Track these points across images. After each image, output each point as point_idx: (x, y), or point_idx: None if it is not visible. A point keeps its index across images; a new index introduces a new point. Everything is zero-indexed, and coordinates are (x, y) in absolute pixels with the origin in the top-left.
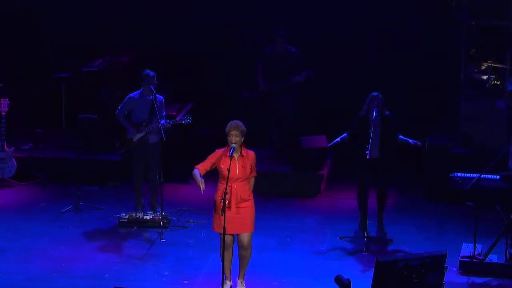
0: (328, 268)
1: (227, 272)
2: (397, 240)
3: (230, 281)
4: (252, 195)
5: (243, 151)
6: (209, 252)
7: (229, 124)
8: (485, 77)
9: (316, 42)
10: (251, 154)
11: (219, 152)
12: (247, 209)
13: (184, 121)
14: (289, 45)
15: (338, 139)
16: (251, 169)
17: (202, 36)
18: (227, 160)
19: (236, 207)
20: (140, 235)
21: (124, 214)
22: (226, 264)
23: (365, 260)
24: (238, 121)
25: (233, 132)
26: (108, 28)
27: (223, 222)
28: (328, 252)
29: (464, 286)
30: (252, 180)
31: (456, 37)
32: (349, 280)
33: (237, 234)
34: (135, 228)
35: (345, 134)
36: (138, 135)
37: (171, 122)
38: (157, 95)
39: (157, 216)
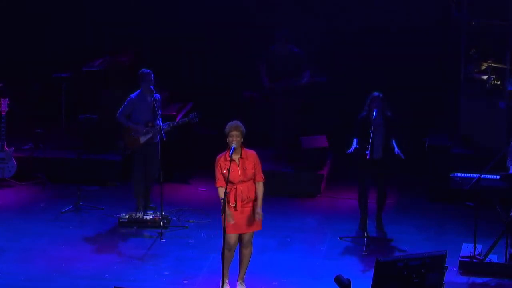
0: (328, 268)
1: (225, 271)
2: (397, 240)
3: (227, 278)
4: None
5: (243, 153)
6: (209, 252)
7: (229, 124)
8: (485, 77)
9: (316, 42)
10: (251, 154)
11: (220, 158)
12: (250, 209)
13: (193, 120)
14: (292, 45)
15: (355, 145)
16: (255, 170)
17: (203, 36)
18: (234, 164)
19: (242, 207)
20: (140, 235)
21: (124, 214)
22: (226, 265)
23: (365, 260)
24: (238, 121)
25: (234, 133)
26: (108, 28)
27: (233, 224)
28: (328, 252)
29: (464, 286)
30: (261, 186)
31: (456, 37)
32: (349, 280)
33: (240, 234)
34: (135, 228)
35: (355, 138)
36: (146, 136)
37: (180, 122)
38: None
39: (157, 216)
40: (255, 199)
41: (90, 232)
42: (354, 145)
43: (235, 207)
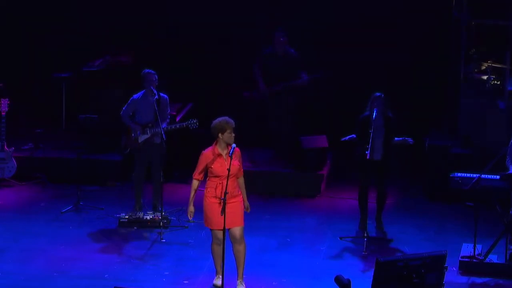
0: (328, 268)
1: (218, 267)
2: (397, 240)
3: (221, 273)
4: (240, 191)
5: (230, 148)
6: (209, 252)
7: (224, 121)
8: (485, 77)
9: (315, 41)
10: (237, 150)
11: (207, 153)
12: (237, 204)
13: (191, 126)
14: (288, 46)
15: (351, 136)
16: (239, 166)
17: (202, 35)
18: (222, 159)
19: (227, 203)
20: (140, 235)
21: (124, 214)
22: (217, 259)
23: (365, 260)
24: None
25: (231, 130)
26: (108, 28)
27: (220, 220)
28: (328, 252)
29: (464, 286)
30: (242, 180)
31: (456, 37)
32: (349, 280)
33: (229, 230)
34: (135, 228)
35: (353, 135)
36: (144, 137)
37: (178, 126)
38: (161, 94)
39: (157, 216)
40: (238, 195)
41: (90, 232)
42: (350, 136)
43: (221, 201)
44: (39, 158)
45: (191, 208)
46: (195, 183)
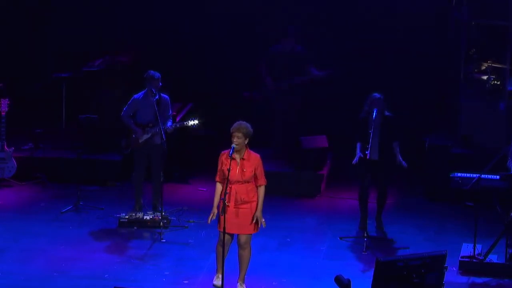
0: (328, 268)
1: (218, 265)
2: (397, 240)
3: (221, 273)
4: (256, 197)
5: (245, 154)
6: (209, 252)
7: (233, 124)
8: (485, 77)
9: (315, 41)
10: (254, 157)
11: (224, 153)
12: (247, 210)
13: (193, 124)
14: (296, 43)
15: (359, 153)
16: (254, 173)
17: (202, 36)
18: (234, 163)
19: (235, 208)
20: (140, 235)
21: (124, 214)
22: (219, 259)
23: (365, 260)
24: (243, 122)
25: (235, 134)
26: (108, 28)
27: (223, 221)
28: (328, 252)
29: (464, 286)
30: (262, 190)
31: (456, 37)
32: (349, 280)
33: (237, 235)
34: (135, 228)
35: (358, 143)
36: (145, 136)
37: (178, 125)
38: (162, 94)
39: (157, 216)
40: (251, 202)
41: (90, 232)
42: (358, 153)
43: (229, 206)
44: (39, 158)
45: (213, 210)
46: (217, 187)
